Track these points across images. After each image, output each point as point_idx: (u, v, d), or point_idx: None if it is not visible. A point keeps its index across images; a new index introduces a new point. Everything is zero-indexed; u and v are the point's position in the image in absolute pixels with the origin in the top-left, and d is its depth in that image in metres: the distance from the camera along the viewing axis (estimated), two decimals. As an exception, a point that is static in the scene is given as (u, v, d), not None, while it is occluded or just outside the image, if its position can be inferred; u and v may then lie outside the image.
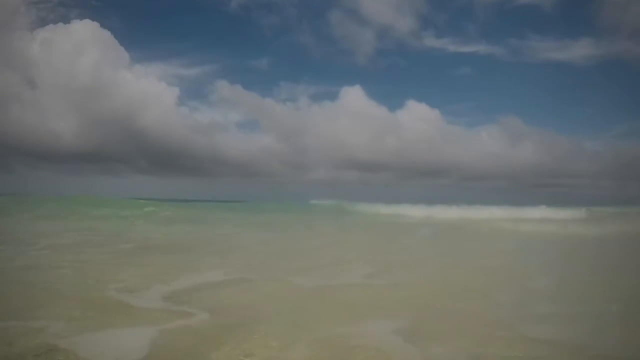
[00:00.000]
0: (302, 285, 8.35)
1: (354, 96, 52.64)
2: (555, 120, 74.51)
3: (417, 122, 52.53)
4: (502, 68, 56.93)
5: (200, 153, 54.07)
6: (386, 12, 58.17)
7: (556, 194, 64.14)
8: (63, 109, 46.68)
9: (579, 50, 55.14)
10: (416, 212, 35.43)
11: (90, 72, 46.03)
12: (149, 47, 75.83)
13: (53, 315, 5.80)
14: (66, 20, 57.21)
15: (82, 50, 45.28)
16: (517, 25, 60.20)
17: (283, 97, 67.41)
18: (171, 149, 52.32)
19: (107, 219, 24.95)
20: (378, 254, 13.38)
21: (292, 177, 59.89)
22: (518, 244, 18.09)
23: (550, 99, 65.91)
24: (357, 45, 59.61)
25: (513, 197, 59.94)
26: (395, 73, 62.23)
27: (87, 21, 46.83)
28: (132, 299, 6.86)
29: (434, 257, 12.93)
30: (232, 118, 67.41)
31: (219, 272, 9.38)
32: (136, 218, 26.03)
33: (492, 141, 54.67)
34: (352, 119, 54.08)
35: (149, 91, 49.62)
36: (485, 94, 65.00)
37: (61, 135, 46.51)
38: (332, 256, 12.70)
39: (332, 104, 56.69)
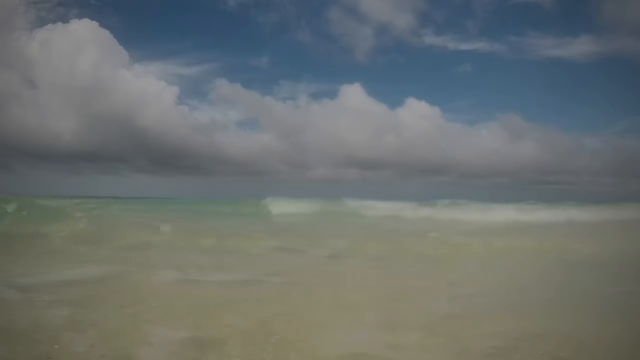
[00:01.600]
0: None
1: (353, 94, 52.44)
2: (556, 118, 74.22)
3: (417, 120, 52.21)
4: (502, 65, 56.46)
5: (200, 152, 54.08)
6: (385, 10, 57.83)
7: (556, 191, 64.19)
8: (63, 108, 46.78)
9: (579, 47, 54.70)
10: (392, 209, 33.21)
11: (89, 71, 46.04)
12: (148, 46, 75.65)
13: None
14: (65, 19, 56.90)
15: (81, 50, 45.28)
16: (517, 23, 59.54)
17: (283, 96, 67.02)
18: (171, 148, 52.43)
19: None
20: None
21: (292, 176, 59.89)
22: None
23: (551, 96, 65.60)
24: (356, 43, 59.21)
25: (513, 194, 59.95)
26: (395, 71, 61.77)
27: (86, 20, 46.56)
28: None
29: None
30: (232, 117, 66.84)
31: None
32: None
33: (492, 138, 54.32)
34: (352, 117, 53.78)
35: (149, 90, 49.63)
36: (485, 92, 64.52)
37: (61, 135, 46.61)
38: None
39: (332, 102, 56.30)
